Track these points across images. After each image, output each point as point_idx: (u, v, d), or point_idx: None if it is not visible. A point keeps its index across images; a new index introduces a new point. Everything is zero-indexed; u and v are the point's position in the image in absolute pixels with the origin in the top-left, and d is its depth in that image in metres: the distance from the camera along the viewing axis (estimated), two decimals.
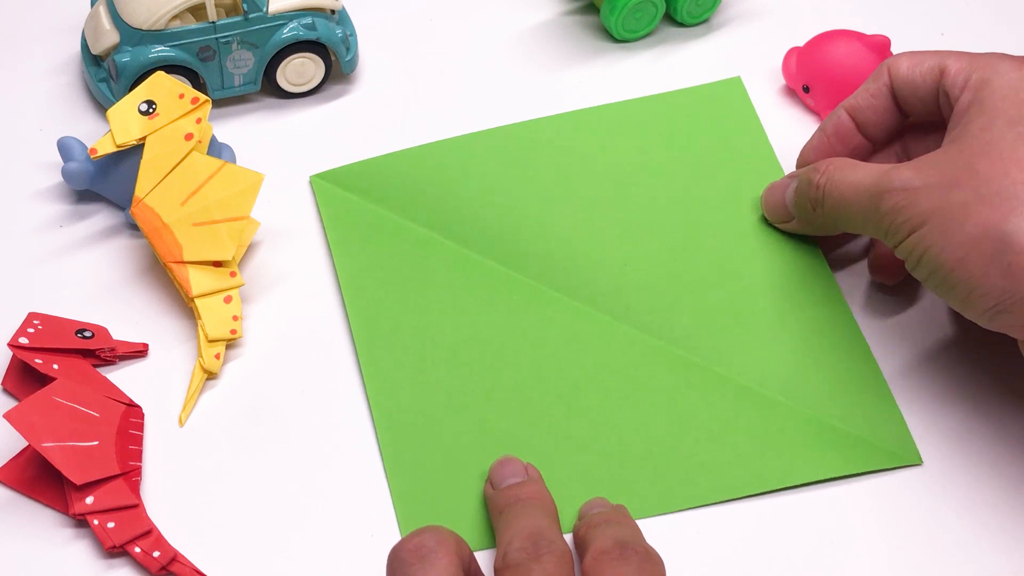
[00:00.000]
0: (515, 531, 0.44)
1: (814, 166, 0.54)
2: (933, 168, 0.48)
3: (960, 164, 0.48)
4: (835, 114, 0.56)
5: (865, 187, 0.50)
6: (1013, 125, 0.48)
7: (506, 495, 0.47)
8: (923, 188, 0.48)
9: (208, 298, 0.53)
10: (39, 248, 0.56)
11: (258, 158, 0.59)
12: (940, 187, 0.48)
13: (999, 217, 0.46)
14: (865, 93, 0.55)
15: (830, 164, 0.53)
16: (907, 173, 0.49)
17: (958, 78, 0.51)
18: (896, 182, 0.49)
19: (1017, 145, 0.47)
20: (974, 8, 0.68)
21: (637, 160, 0.59)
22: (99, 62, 0.61)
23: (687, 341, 0.54)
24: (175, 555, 0.47)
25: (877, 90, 0.54)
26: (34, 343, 0.51)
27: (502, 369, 0.53)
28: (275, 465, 0.50)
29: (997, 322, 0.47)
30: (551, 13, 0.67)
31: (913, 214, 0.48)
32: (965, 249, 0.47)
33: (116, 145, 0.54)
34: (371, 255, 0.56)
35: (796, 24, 0.66)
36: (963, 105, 0.50)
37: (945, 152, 0.49)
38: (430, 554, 0.42)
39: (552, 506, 0.47)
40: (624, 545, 0.43)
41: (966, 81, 0.50)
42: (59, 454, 0.47)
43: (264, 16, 0.59)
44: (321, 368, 0.53)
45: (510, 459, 0.49)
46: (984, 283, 0.46)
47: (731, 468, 0.50)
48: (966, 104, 0.50)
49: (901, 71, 0.53)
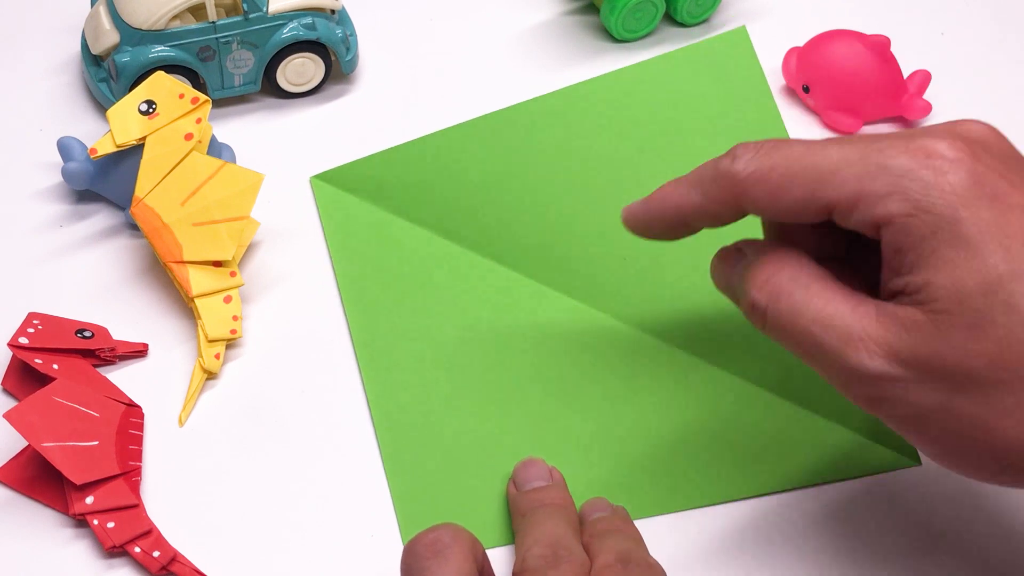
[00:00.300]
0: (535, 537, 0.44)
1: (753, 274, 0.42)
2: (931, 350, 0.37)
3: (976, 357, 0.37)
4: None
5: (834, 329, 0.39)
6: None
7: (529, 499, 0.47)
8: (915, 381, 0.38)
9: (208, 298, 0.53)
10: (39, 248, 0.56)
11: (258, 158, 0.59)
12: (940, 384, 0.38)
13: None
14: (699, 198, 0.42)
15: (776, 282, 0.41)
16: (892, 341, 0.38)
17: (898, 235, 0.38)
18: (875, 363, 0.38)
19: None
20: (974, 8, 0.68)
21: (636, 134, 0.57)
22: (99, 62, 0.61)
23: (688, 340, 0.54)
24: (175, 555, 0.47)
25: (717, 209, 0.43)
26: (34, 343, 0.51)
27: (502, 369, 0.53)
28: (275, 465, 0.50)
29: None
30: (551, 13, 0.67)
31: (901, 403, 0.39)
32: (963, 455, 0.39)
33: (116, 145, 0.54)
34: (370, 256, 0.56)
35: (796, 24, 0.66)
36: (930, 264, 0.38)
37: (943, 326, 0.37)
38: (445, 549, 0.42)
39: (574, 513, 0.47)
40: (627, 559, 0.43)
41: (918, 240, 0.38)
42: (59, 454, 0.47)
43: (264, 16, 0.59)
44: (321, 368, 0.53)
45: (535, 461, 0.49)
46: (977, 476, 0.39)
47: (731, 469, 0.50)
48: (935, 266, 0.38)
49: (757, 202, 0.41)
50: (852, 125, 0.62)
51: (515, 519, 0.47)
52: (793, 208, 0.40)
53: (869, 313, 0.39)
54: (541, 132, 0.58)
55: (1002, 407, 0.37)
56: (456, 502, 0.49)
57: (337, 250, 0.56)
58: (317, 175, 0.59)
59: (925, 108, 0.61)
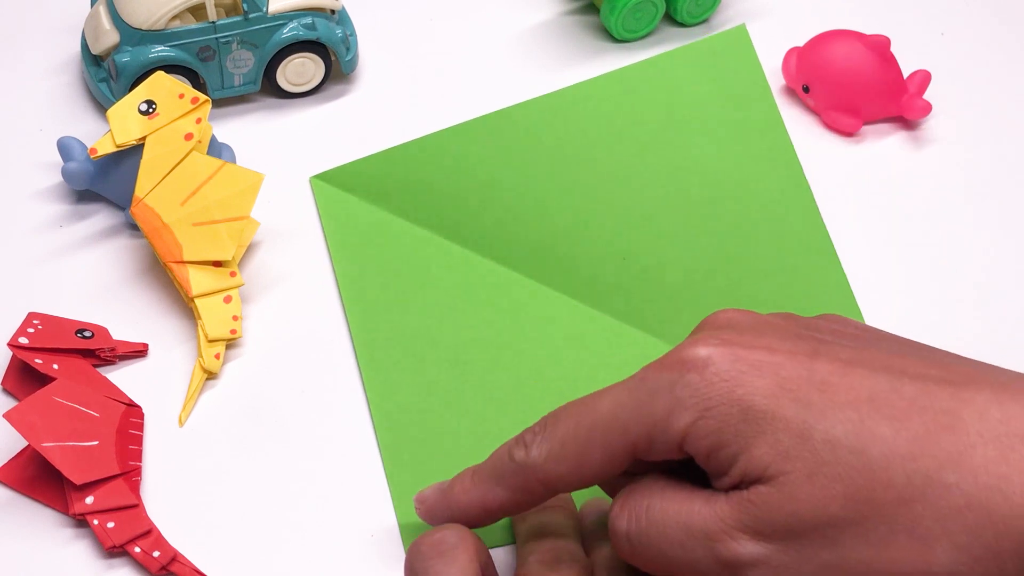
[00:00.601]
0: (536, 540, 0.44)
1: (613, 507, 0.41)
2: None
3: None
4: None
5: (696, 527, 0.39)
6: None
7: None
8: (789, 552, 0.37)
9: (208, 298, 0.53)
10: (39, 248, 0.56)
11: (258, 158, 0.59)
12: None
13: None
14: (505, 493, 0.43)
15: (632, 500, 0.40)
16: (749, 521, 0.38)
17: (699, 443, 0.38)
18: (746, 548, 0.38)
19: None
20: (974, 8, 0.68)
21: (636, 134, 0.57)
22: (99, 62, 0.61)
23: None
24: (175, 555, 0.47)
25: (527, 498, 0.43)
26: (34, 343, 0.51)
27: (502, 369, 0.53)
28: (275, 465, 0.50)
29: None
30: (551, 13, 0.67)
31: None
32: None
33: (116, 145, 0.54)
34: (370, 255, 0.56)
35: (796, 24, 0.66)
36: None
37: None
38: (450, 550, 0.42)
39: (574, 515, 0.47)
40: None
41: (717, 436, 0.38)
42: (59, 454, 0.47)
43: (264, 16, 0.59)
44: (321, 368, 0.53)
45: None
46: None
47: None
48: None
49: (563, 479, 0.41)
50: (852, 125, 0.62)
51: (515, 522, 0.47)
52: (600, 471, 0.41)
53: (721, 502, 0.38)
54: (541, 132, 0.58)
55: (879, 540, 0.36)
56: None
57: (337, 250, 0.56)
58: (317, 175, 0.59)
59: (925, 108, 0.61)
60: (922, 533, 0.35)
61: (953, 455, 0.35)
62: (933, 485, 0.35)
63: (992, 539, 0.35)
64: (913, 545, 0.36)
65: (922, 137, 0.62)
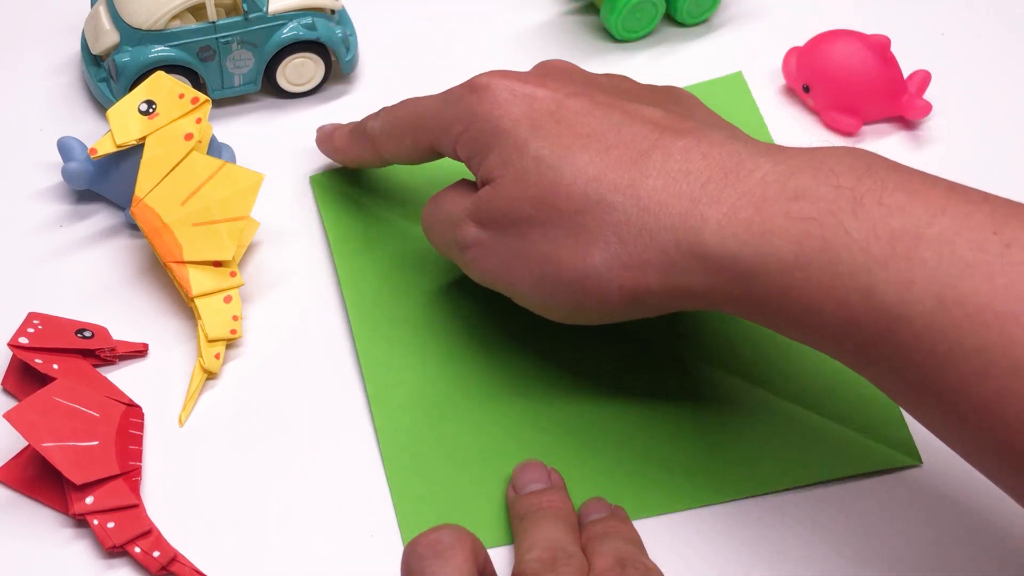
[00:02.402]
0: (533, 541, 0.44)
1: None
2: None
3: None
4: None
5: (450, 217, 0.50)
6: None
7: (527, 502, 0.47)
8: (494, 236, 0.48)
9: (208, 298, 0.53)
10: (39, 248, 0.56)
11: (258, 158, 0.59)
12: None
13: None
14: (356, 149, 0.56)
15: (436, 197, 0.52)
16: (473, 211, 0.48)
17: (465, 149, 0.49)
18: (468, 231, 0.48)
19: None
20: (974, 8, 0.68)
21: None
22: (99, 62, 0.61)
23: (687, 340, 0.54)
24: (175, 555, 0.47)
25: (369, 158, 0.56)
26: (34, 343, 0.51)
27: (502, 369, 0.53)
28: (275, 465, 0.50)
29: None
30: (551, 13, 0.67)
31: (494, 256, 0.48)
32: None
33: (116, 145, 0.54)
34: (371, 255, 0.56)
35: (796, 24, 0.66)
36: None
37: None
38: (446, 550, 0.42)
39: (572, 516, 0.47)
40: (624, 562, 0.43)
41: (476, 144, 0.48)
42: (59, 454, 0.47)
43: (264, 16, 0.59)
44: (321, 368, 0.53)
45: (534, 463, 0.49)
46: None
47: (731, 469, 0.50)
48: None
49: (387, 152, 0.54)
50: (852, 125, 0.62)
51: (513, 522, 0.47)
52: (412, 155, 0.52)
53: (468, 198, 0.48)
54: None
55: (556, 239, 0.45)
56: (456, 502, 0.49)
57: (338, 248, 0.56)
58: (317, 175, 0.59)
59: (925, 108, 0.61)
60: (586, 238, 0.45)
61: (627, 182, 0.45)
62: (603, 202, 0.45)
63: (640, 249, 0.44)
64: (577, 246, 0.45)
65: (922, 137, 0.62)
